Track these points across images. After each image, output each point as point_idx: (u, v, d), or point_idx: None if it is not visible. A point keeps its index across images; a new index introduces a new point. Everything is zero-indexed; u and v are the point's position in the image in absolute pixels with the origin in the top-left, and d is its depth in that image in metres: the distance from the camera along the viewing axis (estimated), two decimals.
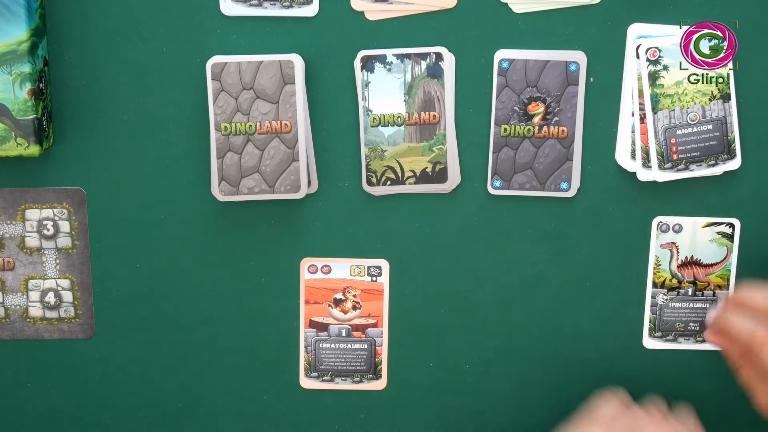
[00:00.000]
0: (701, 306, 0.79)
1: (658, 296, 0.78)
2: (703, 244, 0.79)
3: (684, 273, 0.79)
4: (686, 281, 0.79)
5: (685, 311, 0.79)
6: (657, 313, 0.78)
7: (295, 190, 0.79)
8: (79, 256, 0.82)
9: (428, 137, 0.80)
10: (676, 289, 0.79)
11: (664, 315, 0.78)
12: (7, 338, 0.83)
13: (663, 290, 0.79)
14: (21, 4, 0.74)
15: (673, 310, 0.79)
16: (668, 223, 0.79)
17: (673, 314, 0.79)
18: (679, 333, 0.79)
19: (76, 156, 0.81)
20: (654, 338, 0.79)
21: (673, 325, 0.79)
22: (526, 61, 0.78)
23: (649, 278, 0.78)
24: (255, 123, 0.78)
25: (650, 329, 0.78)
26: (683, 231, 0.79)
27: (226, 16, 0.78)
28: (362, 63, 0.79)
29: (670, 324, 0.79)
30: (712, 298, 0.79)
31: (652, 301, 0.78)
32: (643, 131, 0.79)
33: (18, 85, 0.75)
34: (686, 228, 0.79)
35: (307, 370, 0.84)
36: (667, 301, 0.78)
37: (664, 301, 0.78)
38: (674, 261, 0.79)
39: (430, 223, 0.82)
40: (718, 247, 0.79)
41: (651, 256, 0.79)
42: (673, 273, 0.79)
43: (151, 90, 0.79)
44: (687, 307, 0.79)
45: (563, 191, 0.80)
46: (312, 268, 0.82)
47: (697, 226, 0.79)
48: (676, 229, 0.79)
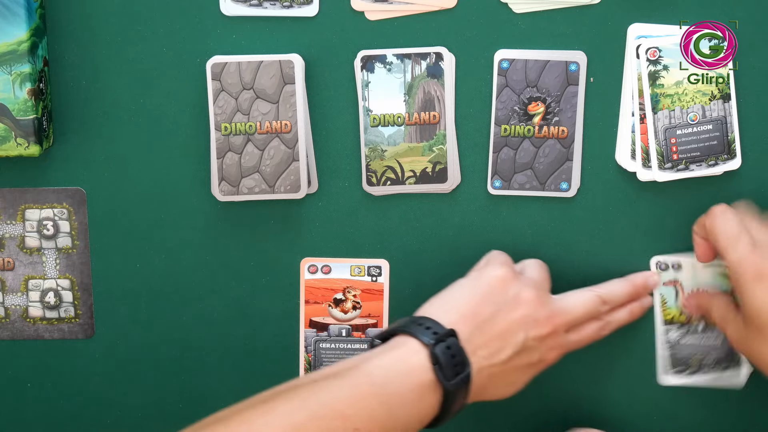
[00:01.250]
0: (713, 342, 0.79)
1: (669, 333, 0.79)
2: (707, 279, 0.79)
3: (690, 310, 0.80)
4: (696, 317, 0.79)
5: (697, 347, 0.79)
6: (670, 350, 0.79)
7: (295, 190, 0.79)
8: (79, 256, 0.82)
9: (428, 137, 0.80)
10: (686, 325, 0.79)
11: (678, 351, 0.79)
12: (7, 338, 0.83)
13: (674, 326, 0.79)
14: (21, 4, 0.74)
15: (685, 346, 0.79)
16: (667, 262, 0.78)
17: (686, 350, 0.79)
18: (694, 368, 0.79)
19: (76, 156, 0.81)
20: (668, 374, 0.79)
21: (687, 360, 0.79)
22: (526, 61, 0.78)
23: (658, 317, 0.79)
24: (255, 123, 0.78)
25: (665, 366, 0.79)
26: (683, 269, 0.79)
27: (226, 16, 0.78)
28: (362, 63, 0.79)
29: (684, 360, 0.79)
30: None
31: (666, 338, 0.79)
32: (643, 131, 0.79)
33: (18, 85, 0.75)
34: (685, 267, 0.79)
35: (307, 370, 0.84)
36: (678, 338, 0.79)
37: (675, 338, 0.79)
38: (680, 297, 0.79)
39: (430, 223, 0.82)
40: (722, 281, 0.79)
41: (656, 294, 0.79)
42: (681, 310, 0.79)
43: (151, 90, 0.79)
44: (700, 344, 0.79)
45: (563, 191, 0.80)
46: (312, 268, 0.82)
47: (697, 267, 0.79)
48: (675, 267, 0.78)
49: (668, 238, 0.82)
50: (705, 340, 0.78)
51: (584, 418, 0.83)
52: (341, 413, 0.63)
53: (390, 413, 0.65)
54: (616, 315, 0.78)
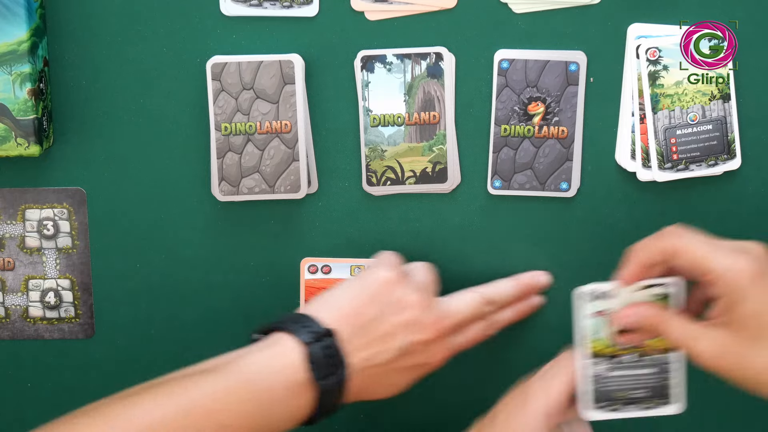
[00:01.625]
0: (647, 372, 0.72)
1: (596, 366, 0.72)
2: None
3: (621, 340, 0.72)
4: (625, 347, 0.72)
5: (629, 379, 0.72)
6: (596, 384, 0.72)
7: (295, 190, 0.79)
8: (79, 256, 0.82)
9: (428, 137, 0.80)
10: (615, 357, 0.72)
11: (604, 385, 0.72)
12: (7, 338, 0.83)
13: (600, 359, 0.72)
14: (21, 4, 0.74)
15: (613, 379, 0.72)
16: (594, 292, 0.71)
17: (614, 383, 0.72)
18: (622, 402, 0.73)
19: (76, 156, 0.81)
20: (594, 410, 0.72)
21: (615, 394, 0.72)
22: (526, 61, 0.78)
23: (584, 349, 0.72)
24: (255, 123, 0.78)
25: (589, 401, 0.72)
26: (613, 297, 0.71)
27: (226, 16, 0.78)
28: (362, 63, 0.79)
29: (611, 393, 0.72)
30: (656, 363, 0.72)
31: (592, 371, 0.72)
32: (643, 131, 0.79)
33: (18, 85, 0.75)
34: (616, 294, 0.71)
35: None
36: (605, 371, 0.72)
37: (602, 371, 0.72)
38: (609, 328, 0.72)
39: (430, 223, 0.82)
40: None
41: (583, 326, 0.72)
42: (609, 341, 0.72)
43: (151, 90, 0.79)
44: (631, 375, 0.72)
45: (563, 191, 0.80)
46: (312, 268, 0.82)
47: (630, 291, 0.71)
48: (602, 297, 0.71)
49: None
50: (635, 372, 0.73)
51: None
52: (208, 408, 0.63)
53: (261, 410, 0.65)
54: (501, 315, 0.78)
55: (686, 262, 0.68)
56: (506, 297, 0.78)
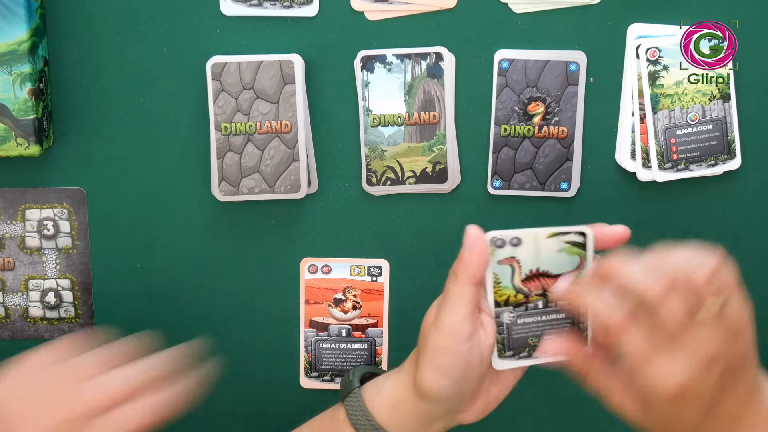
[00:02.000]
0: (555, 317, 0.69)
1: (503, 315, 0.68)
2: (550, 255, 0.68)
3: (530, 286, 0.69)
4: (534, 294, 0.69)
5: (537, 325, 0.69)
6: (504, 332, 0.69)
7: (295, 190, 0.79)
8: (79, 256, 0.82)
9: (428, 137, 0.80)
10: (523, 305, 0.69)
11: (513, 333, 0.69)
12: (7, 338, 0.83)
13: (508, 308, 0.69)
14: (21, 4, 0.74)
15: (522, 326, 0.69)
16: (504, 238, 0.67)
17: (523, 331, 0.69)
18: (534, 348, 0.69)
19: (76, 156, 0.81)
20: (505, 358, 0.69)
21: (526, 341, 0.69)
22: (526, 61, 0.78)
23: (489, 298, 0.68)
24: (255, 123, 0.78)
25: (499, 350, 0.68)
26: (523, 244, 0.68)
27: (226, 16, 0.78)
28: (362, 63, 0.79)
29: (521, 341, 0.69)
30: (567, 310, 0.69)
31: (497, 321, 0.68)
32: (643, 131, 0.79)
33: (18, 85, 0.75)
34: (526, 241, 0.68)
35: (307, 370, 0.84)
36: (514, 318, 0.69)
37: (510, 318, 0.69)
38: (516, 276, 0.68)
39: (430, 223, 0.82)
40: (568, 256, 0.68)
41: (489, 274, 0.67)
42: (517, 288, 0.68)
43: (151, 90, 0.79)
44: (539, 321, 0.69)
45: (563, 191, 0.80)
46: (312, 268, 0.82)
47: (540, 238, 0.67)
48: (513, 243, 0.68)
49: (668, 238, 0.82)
50: (545, 318, 0.69)
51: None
52: None
53: None
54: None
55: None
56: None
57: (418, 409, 0.68)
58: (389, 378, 0.71)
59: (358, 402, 0.70)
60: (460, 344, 0.65)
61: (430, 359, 0.66)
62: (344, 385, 0.73)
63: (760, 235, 0.82)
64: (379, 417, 0.69)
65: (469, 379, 0.66)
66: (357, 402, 0.70)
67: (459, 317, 0.65)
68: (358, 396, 0.70)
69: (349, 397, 0.71)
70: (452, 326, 0.65)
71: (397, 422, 0.68)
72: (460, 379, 0.66)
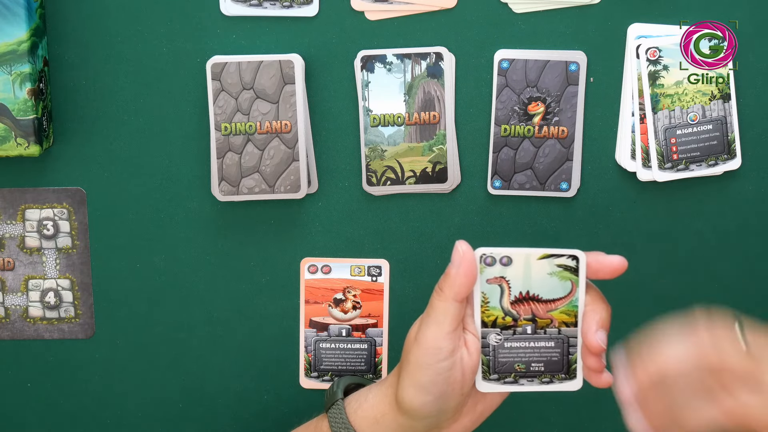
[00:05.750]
0: (544, 345, 0.68)
1: (490, 336, 0.67)
2: (541, 278, 0.67)
3: (519, 310, 0.67)
4: (524, 318, 0.67)
5: (525, 351, 0.68)
6: (490, 354, 0.67)
7: (295, 190, 0.79)
8: (79, 256, 0.82)
9: (428, 137, 0.80)
10: (511, 328, 0.67)
11: (499, 356, 0.68)
12: (7, 338, 0.83)
13: (496, 329, 0.67)
14: (21, 4, 0.74)
15: (509, 350, 0.68)
16: (494, 256, 0.66)
17: (510, 355, 0.68)
18: (520, 374, 0.68)
19: (76, 156, 0.81)
20: (489, 381, 0.68)
21: (512, 366, 0.68)
22: (526, 61, 0.78)
23: (477, 318, 0.67)
24: (255, 123, 0.78)
25: (484, 371, 0.67)
26: (513, 264, 0.66)
27: (226, 16, 0.78)
28: (362, 63, 0.79)
29: (508, 365, 0.68)
30: (557, 337, 0.67)
31: (483, 341, 0.67)
32: (643, 131, 0.79)
33: (18, 85, 0.75)
34: (517, 261, 0.66)
35: (307, 370, 0.84)
36: (501, 341, 0.67)
37: (497, 341, 0.67)
38: (505, 297, 0.67)
39: (430, 223, 0.82)
40: (559, 281, 0.66)
41: (476, 292, 0.66)
42: (505, 310, 0.67)
43: (151, 90, 0.79)
44: (527, 347, 0.68)
45: (563, 191, 0.80)
46: (312, 268, 0.83)
47: (531, 259, 0.66)
48: (504, 262, 0.66)
49: (668, 238, 0.82)
50: (533, 344, 0.68)
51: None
52: None
53: None
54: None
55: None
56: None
57: (400, 424, 0.67)
58: (372, 390, 0.70)
59: (341, 414, 0.69)
60: (441, 361, 0.64)
61: (411, 375, 0.65)
62: (328, 395, 0.73)
63: (760, 235, 0.82)
64: (361, 430, 0.68)
65: (451, 397, 0.66)
66: (340, 414, 0.69)
67: (441, 334, 0.65)
68: (341, 408, 0.70)
69: (332, 409, 0.70)
70: (434, 342, 0.64)
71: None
72: (441, 396, 0.65)
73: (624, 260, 0.66)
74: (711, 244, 0.82)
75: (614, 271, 0.66)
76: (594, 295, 0.67)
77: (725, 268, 0.82)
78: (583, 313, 0.66)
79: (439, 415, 0.66)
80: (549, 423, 0.85)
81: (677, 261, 0.82)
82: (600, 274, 0.66)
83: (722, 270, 0.82)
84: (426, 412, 0.66)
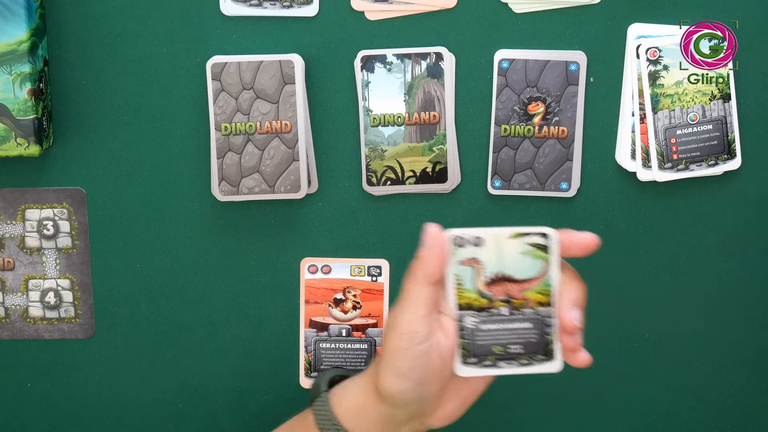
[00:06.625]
0: (520, 326, 0.66)
1: (465, 318, 0.66)
2: (514, 258, 0.65)
3: (493, 290, 0.65)
4: (498, 300, 0.65)
5: (502, 333, 0.66)
6: (467, 337, 0.66)
7: (295, 190, 0.79)
8: (79, 256, 0.82)
9: (428, 137, 0.80)
10: (487, 310, 0.66)
11: (476, 339, 0.66)
12: (7, 338, 0.83)
13: (471, 312, 0.65)
14: (21, 4, 0.74)
15: (486, 333, 0.66)
16: (464, 237, 0.65)
17: (487, 337, 0.66)
18: (498, 357, 0.66)
19: (76, 156, 0.81)
20: (468, 365, 0.66)
21: (490, 349, 0.66)
22: (526, 61, 0.78)
23: (451, 300, 0.65)
24: (255, 123, 0.78)
25: (463, 355, 0.66)
26: (485, 245, 0.65)
27: (226, 16, 0.78)
28: (362, 63, 0.79)
29: (485, 348, 0.66)
30: (534, 317, 0.66)
31: (460, 324, 0.65)
32: (643, 131, 0.79)
33: (18, 85, 0.75)
34: (488, 242, 0.65)
35: (307, 370, 0.84)
36: (477, 323, 0.66)
37: (473, 323, 0.66)
38: (480, 278, 0.65)
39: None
40: (532, 260, 0.65)
41: (450, 275, 0.65)
42: (479, 291, 0.65)
43: (151, 90, 0.79)
44: (504, 329, 0.66)
45: (563, 191, 0.80)
46: (312, 268, 0.82)
47: (502, 238, 0.65)
48: (475, 243, 0.65)
49: (668, 238, 0.82)
50: (510, 326, 0.66)
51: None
52: None
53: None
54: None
55: None
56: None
57: (381, 412, 0.67)
58: (354, 382, 0.70)
59: (325, 406, 0.69)
60: (417, 345, 0.64)
61: (389, 361, 0.65)
62: (313, 389, 0.73)
63: (760, 235, 0.82)
64: (344, 421, 0.68)
65: (430, 382, 0.65)
66: (324, 406, 0.69)
67: (415, 317, 0.64)
68: (325, 400, 0.70)
69: (316, 402, 0.70)
70: (408, 327, 0.64)
71: (362, 426, 0.68)
72: (421, 382, 0.65)
73: (595, 237, 0.65)
74: (711, 244, 0.82)
75: (585, 248, 0.65)
76: (569, 274, 0.66)
77: (725, 268, 0.82)
78: (558, 292, 0.65)
79: (421, 402, 0.66)
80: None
81: (677, 261, 0.82)
82: (572, 251, 0.65)
83: (722, 270, 0.82)
84: (406, 399, 0.65)
